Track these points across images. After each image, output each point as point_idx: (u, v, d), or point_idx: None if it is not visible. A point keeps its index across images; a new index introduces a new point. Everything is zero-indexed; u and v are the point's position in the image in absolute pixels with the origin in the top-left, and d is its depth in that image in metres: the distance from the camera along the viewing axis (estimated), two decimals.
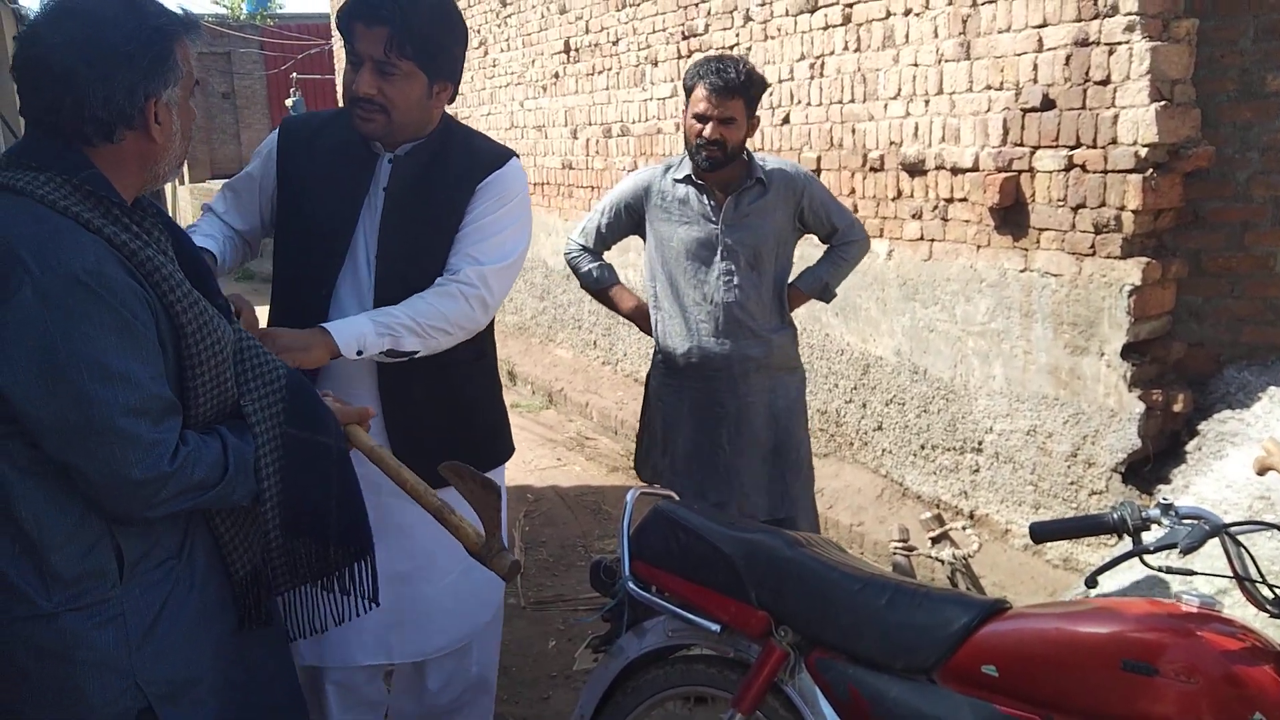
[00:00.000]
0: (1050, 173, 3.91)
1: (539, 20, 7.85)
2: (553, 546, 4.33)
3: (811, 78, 5.16)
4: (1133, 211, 3.63)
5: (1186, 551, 1.63)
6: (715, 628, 2.09)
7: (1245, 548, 1.70)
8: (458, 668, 2.60)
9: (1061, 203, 3.88)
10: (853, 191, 4.95)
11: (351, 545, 1.81)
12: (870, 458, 5.07)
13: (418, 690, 2.60)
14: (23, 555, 1.51)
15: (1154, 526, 1.76)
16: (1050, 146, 3.90)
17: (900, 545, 3.20)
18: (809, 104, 5.20)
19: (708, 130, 3.02)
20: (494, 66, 8.71)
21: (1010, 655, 1.79)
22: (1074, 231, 3.86)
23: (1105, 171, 3.70)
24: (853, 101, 4.91)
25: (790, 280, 3.33)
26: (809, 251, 3.58)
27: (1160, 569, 1.69)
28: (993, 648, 1.81)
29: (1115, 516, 1.79)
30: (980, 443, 4.38)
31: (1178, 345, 3.85)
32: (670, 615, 2.17)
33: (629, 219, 3.32)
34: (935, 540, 2.98)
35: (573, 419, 6.63)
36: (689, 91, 3.11)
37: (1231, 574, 1.68)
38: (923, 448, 4.73)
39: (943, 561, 2.93)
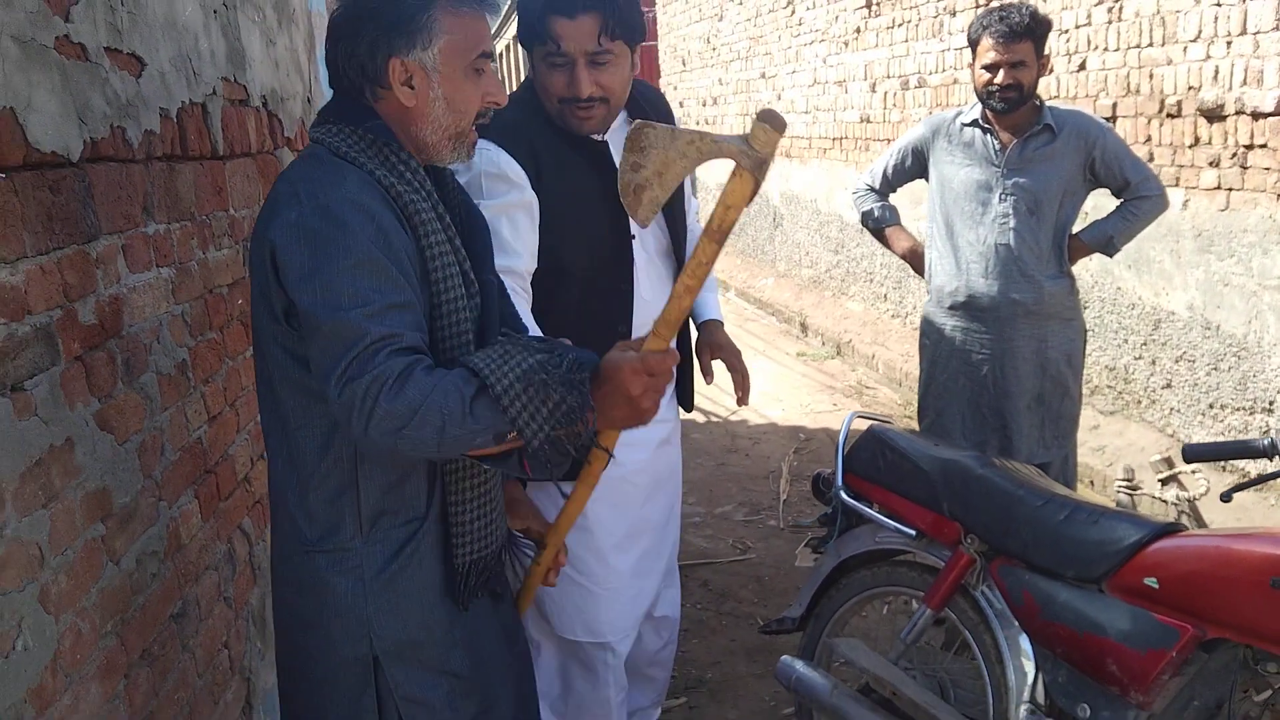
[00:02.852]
0: None
1: None
2: None
3: (1109, 22, 5.01)
4: None
5: None
6: (912, 533, 2.35)
7: None
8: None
9: None
10: (1148, 139, 4.78)
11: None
12: (1158, 416, 4.92)
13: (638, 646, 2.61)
14: (296, 486, 1.61)
15: None
16: None
17: (1125, 484, 3.21)
18: (1106, 49, 5.05)
19: (1000, 77, 3.10)
20: (800, 25, 8.92)
21: (1171, 569, 1.91)
22: None
23: None
24: (1151, 45, 4.73)
25: (1074, 231, 3.31)
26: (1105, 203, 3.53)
27: None
28: (1156, 562, 1.94)
29: (1265, 442, 1.85)
30: (1272, 403, 4.17)
31: None
32: (875, 522, 2.44)
33: (915, 163, 3.45)
34: (1164, 482, 2.98)
35: (856, 369, 6.84)
36: (974, 44, 3.21)
37: None
38: (1211, 406, 4.55)
39: (1166, 502, 2.93)
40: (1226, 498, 1.88)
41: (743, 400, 2.54)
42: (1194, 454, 1.99)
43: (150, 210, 2.12)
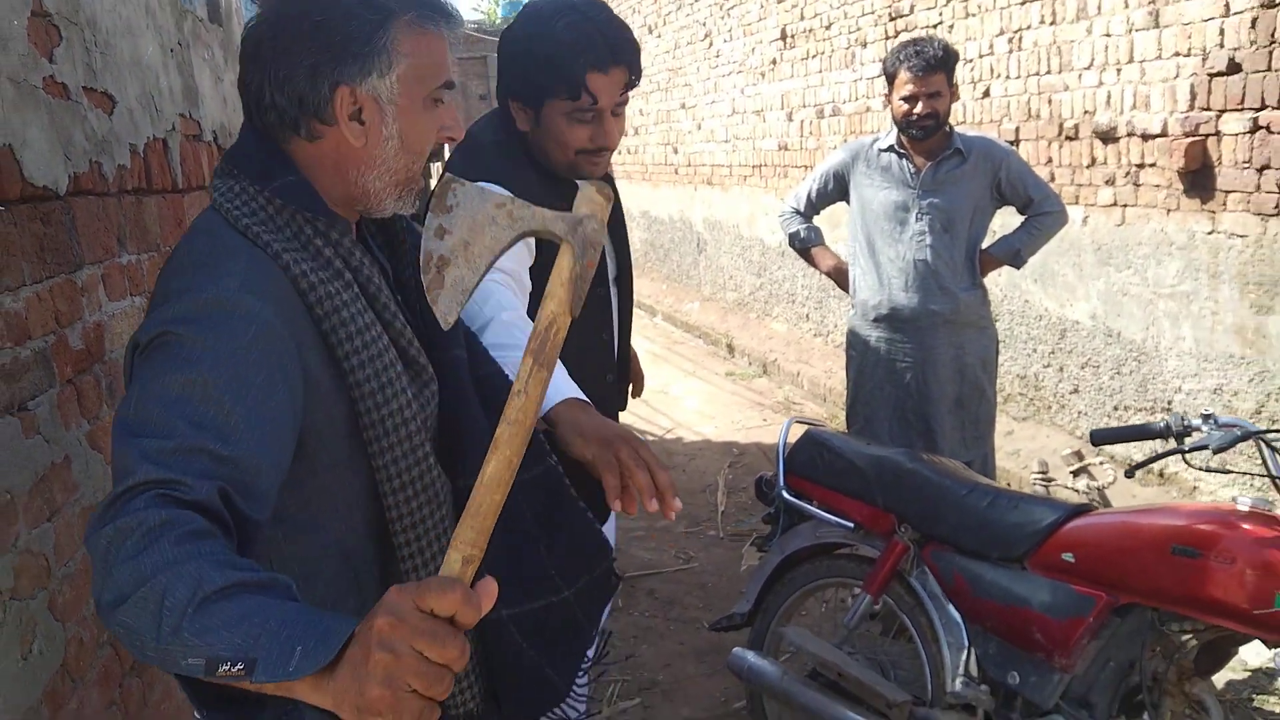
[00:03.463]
0: (1236, 135, 3.99)
1: (758, 9, 8.30)
2: (751, 491, 4.84)
3: (1010, 51, 5.35)
4: None
5: (1218, 451, 1.93)
6: (850, 525, 2.53)
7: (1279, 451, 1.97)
8: None
9: (1247, 164, 3.96)
10: (1049, 160, 5.11)
11: None
12: (1067, 420, 5.22)
13: None
14: None
15: (1196, 433, 2.06)
16: (1236, 110, 3.98)
17: (1040, 476, 3.47)
18: (1008, 77, 5.39)
19: (919, 108, 3.36)
20: (717, 57, 9.22)
21: (1084, 544, 2.12)
22: (1259, 193, 3.93)
23: None
24: (1049, 73, 5.07)
25: (984, 246, 3.59)
26: (1010, 221, 3.82)
27: (1201, 468, 1.99)
28: (1071, 540, 2.15)
29: (1162, 424, 2.09)
30: (1170, 403, 4.49)
31: None
32: (815, 518, 2.62)
33: (836, 186, 3.70)
34: (1075, 474, 3.23)
35: (783, 386, 7.08)
36: (891, 78, 3.45)
37: (1266, 473, 1.96)
38: (1115, 409, 4.86)
39: (1078, 491, 3.18)
40: (1130, 474, 2.10)
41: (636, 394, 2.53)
42: (1101, 437, 2.22)
43: (123, 241, 2.22)
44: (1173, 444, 2.09)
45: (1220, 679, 2.95)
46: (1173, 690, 2.10)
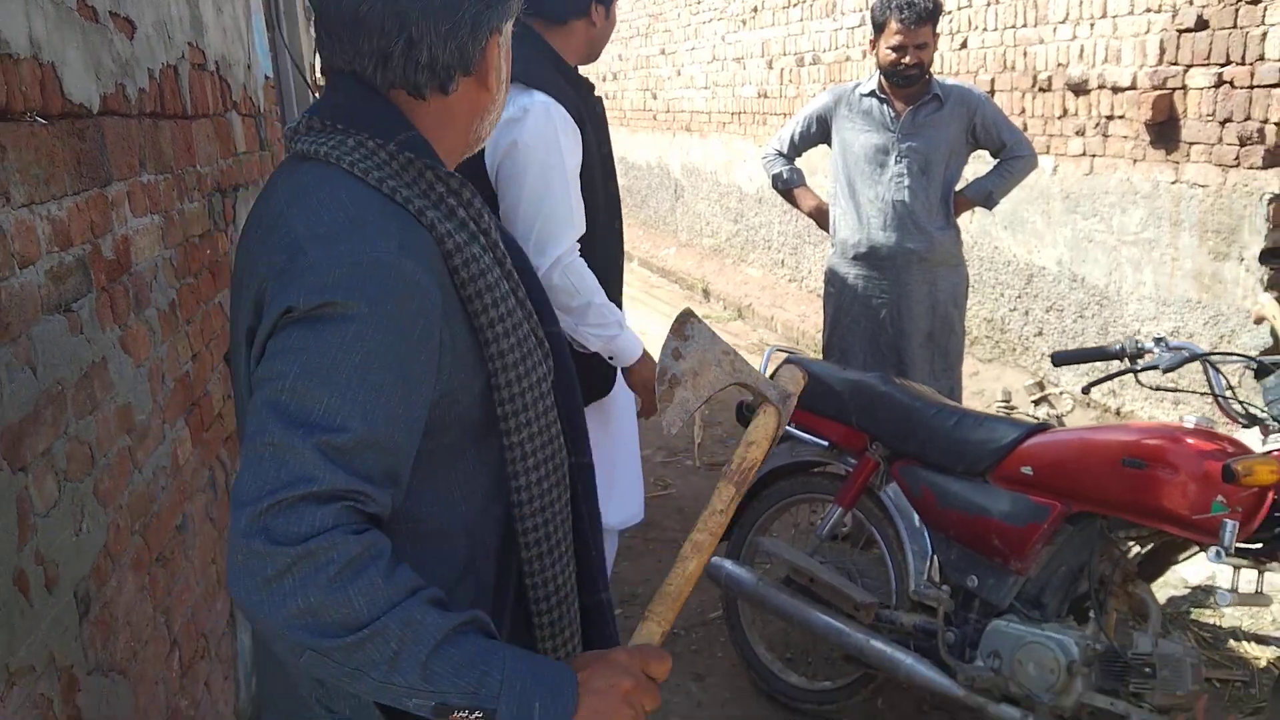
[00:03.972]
0: (1201, 89, 4.16)
1: None
2: (727, 425, 5.02)
3: (988, 4, 5.47)
4: (1275, 124, 3.86)
5: (1167, 370, 2.12)
6: (825, 444, 2.71)
7: (1223, 374, 2.15)
8: None
9: (1210, 118, 4.13)
10: (1023, 111, 5.27)
11: None
12: (1030, 361, 5.43)
13: None
14: None
15: (1148, 355, 2.24)
16: (1202, 65, 4.15)
17: (1003, 405, 3.66)
18: (985, 29, 5.52)
19: (908, 58, 3.49)
20: (699, 3, 9.25)
21: (1042, 458, 2.31)
22: (1221, 144, 4.11)
23: (1252, 87, 3.94)
24: (1025, 26, 5.21)
25: (958, 188, 3.75)
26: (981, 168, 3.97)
27: (1151, 386, 2.17)
28: (1030, 454, 2.33)
29: (1118, 346, 2.28)
30: None
31: None
32: (793, 437, 2.79)
33: (819, 129, 3.84)
34: (1036, 403, 3.42)
35: (757, 329, 7.25)
36: (880, 26, 3.55)
37: (1210, 392, 2.14)
38: None
39: (1038, 419, 3.37)
40: (1086, 390, 2.28)
41: None
42: (1061, 359, 2.40)
43: (144, 162, 2.32)
44: (1127, 364, 2.28)
45: (1162, 595, 3.18)
46: (1117, 592, 2.30)
